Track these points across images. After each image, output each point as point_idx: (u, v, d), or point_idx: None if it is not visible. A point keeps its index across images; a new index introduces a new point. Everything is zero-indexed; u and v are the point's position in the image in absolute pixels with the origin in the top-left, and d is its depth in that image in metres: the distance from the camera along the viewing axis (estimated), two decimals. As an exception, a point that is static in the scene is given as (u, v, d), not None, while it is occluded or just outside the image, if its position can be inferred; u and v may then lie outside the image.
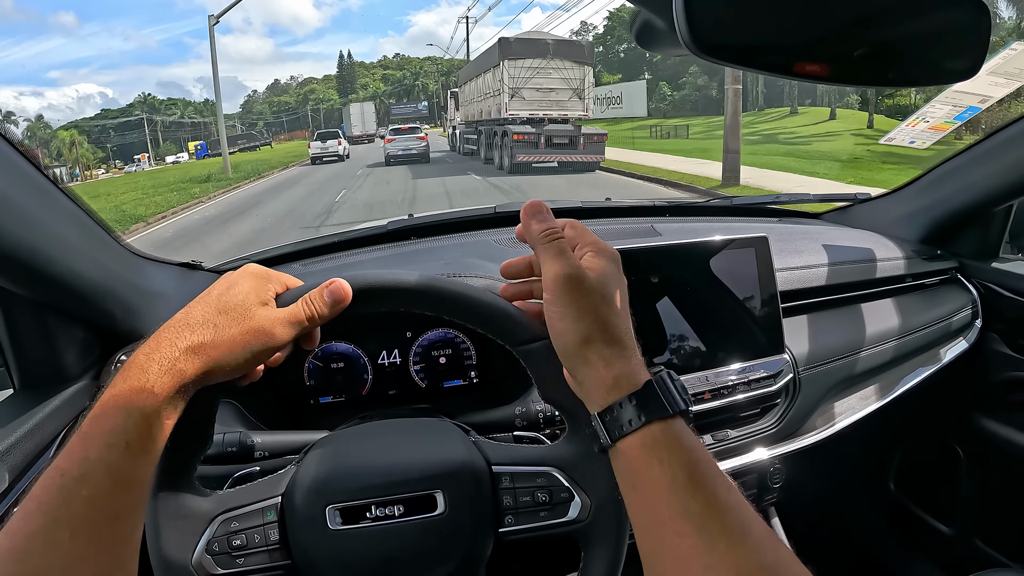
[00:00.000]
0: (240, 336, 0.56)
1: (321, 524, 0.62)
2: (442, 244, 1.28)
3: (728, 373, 0.96)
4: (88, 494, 0.46)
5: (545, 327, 0.67)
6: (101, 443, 0.49)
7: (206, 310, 0.56)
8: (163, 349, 0.53)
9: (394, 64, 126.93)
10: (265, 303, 0.59)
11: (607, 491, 0.66)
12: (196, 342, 0.54)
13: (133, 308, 0.92)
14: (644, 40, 0.84)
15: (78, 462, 0.48)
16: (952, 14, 0.64)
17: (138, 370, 0.52)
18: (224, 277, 0.60)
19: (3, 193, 0.66)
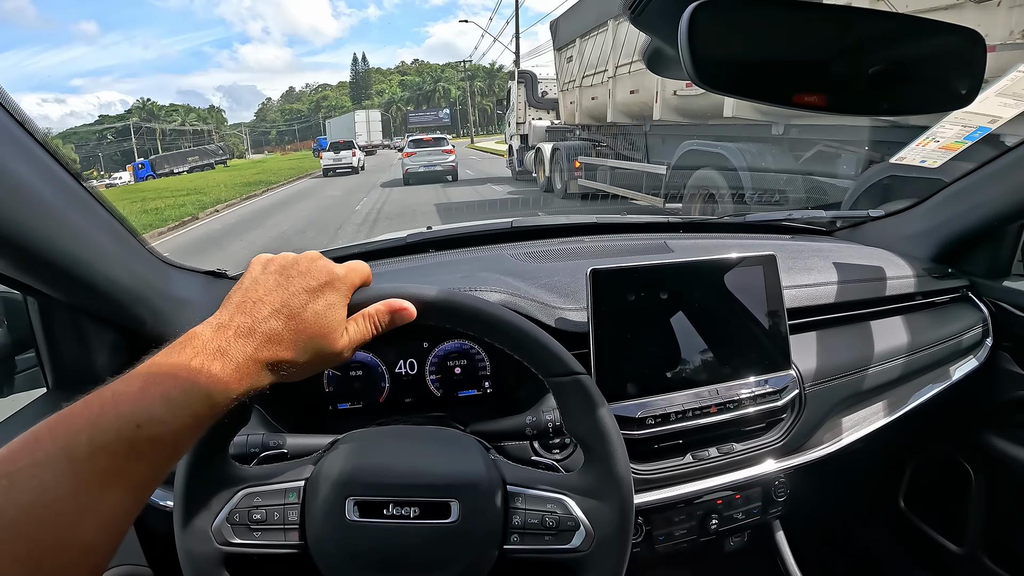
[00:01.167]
0: (316, 356, 0.59)
1: (339, 513, 0.66)
2: (460, 257, 1.31)
3: (734, 388, 0.98)
4: (148, 438, 0.49)
5: (576, 363, 0.70)
6: (166, 405, 0.50)
7: (294, 310, 0.58)
8: (249, 342, 0.55)
9: (412, 70, 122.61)
10: (343, 321, 0.62)
11: (612, 527, 0.69)
12: (278, 356, 0.56)
13: (161, 314, 0.97)
14: (654, 66, 0.88)
15: (144, 411, 0.50)
16: (947, 44, 0.67)
17: (218, 354, 0.54)
18: (310, 269, 0.61)
19: (50, 204, 0.70)
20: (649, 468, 0.96)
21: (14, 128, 0.66)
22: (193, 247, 11.42)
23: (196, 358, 0.54)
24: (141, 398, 0.51)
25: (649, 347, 0.95)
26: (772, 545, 1.16)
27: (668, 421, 0.94)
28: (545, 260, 1.23)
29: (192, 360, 0.54)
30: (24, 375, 1.06)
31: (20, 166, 0.66)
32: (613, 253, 1.29)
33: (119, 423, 0.49)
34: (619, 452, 0.71)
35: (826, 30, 0.62)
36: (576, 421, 0.71)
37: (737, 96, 0.62)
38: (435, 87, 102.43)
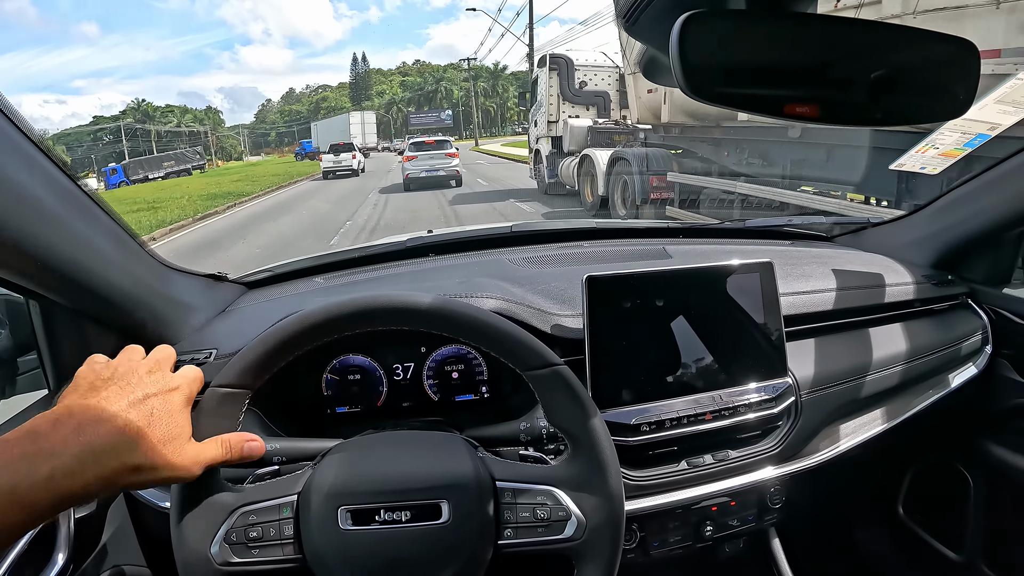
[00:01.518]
0: (168, 467, 0.60)
1: (332, 523, 0.67)
2: (459, 262, 1.32)
3: (730, 395, 0.98)
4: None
5: (553, 354, 0.72)
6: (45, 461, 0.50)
7: (153, 428, 0.59)
8: (105, 465, 0.54)
9: (414, 71, 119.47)
10: (190, 439, 0.64)
11: (603, 514, 0.70)
12: (136, 463, 0.56)
13: (162, 317, 0.98)
14: (650, 73, 0.88)
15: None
16: (940, 53, 0.67)
17: (75, 466, 0.52)
18: (154, 379, 0.63)
19: (51, 210, 0.71)
20: (644, 474, 0.96)
21: (15, 135, 0.67)
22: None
23: (22, 458, 0.51)
24: None
25: (645, 354, 0.96)
26: (768, 552, 1.16)
27: (663, 428, 0.94)
28: (544, 265, 1.23)
29: (16, 459, 0.51)
30: (26, 377, 1.07)
31: (22, 173, 0.67)
32: (612, 259, 1.29)
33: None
34: (603, 439, 0.72)
35: (818, 41, 0.62)
36: (558, 412, 0.73)
37: (728, 107, 0.62)
38: (437, 87, 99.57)
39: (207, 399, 0.70)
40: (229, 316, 1.13)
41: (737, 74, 0.60)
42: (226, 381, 0.71)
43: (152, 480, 0.59)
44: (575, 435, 0.73)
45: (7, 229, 0.65)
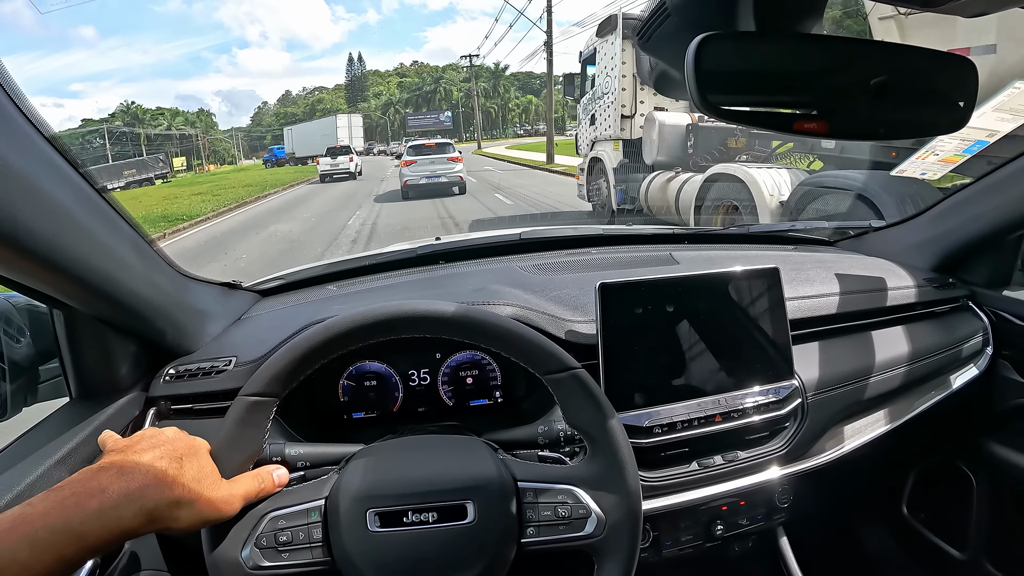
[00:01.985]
0: (205, 502, 0.65)
1: (361, 526, 0.69)
2: (470, 269, 1.34)
3: (738, 397, 1.01)
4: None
5: (571, 358, 0.75)
6: (30, 548, 0.53)
7: (177, 453, 0.65)
8: (133, 479, 0.60)
9: (411, 72, 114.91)
10: (221, 478, 0.69)
11: (622, 511, 0.73)
12: (163, 496, 0.61)
13: (181, 326, 1.00)
14: (661, 86, 0.91)
15: (7, 554, 0.52)
16: (941, 71, 0.70)
17: (97, 492, 0.57)
18: (179, 439, 0.69)
19: (78, 222, 0.73)
20: (656, 476, 0.99)
21: (44, 146, 0.68)
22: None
23: (72, 496, 0.56)
24: (5, 539, 0.52)
25: (656, 358, 0.98)
26: (776, 551, 1.19)
27: (675, 430, 0.97)
28: (554, 272, 1.26)
29: (68, 497, 0.56)
30: (47, 385, 1.09)
31: (54, 186, 0.68)
32: (620, 265, 1.32)
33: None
34: (621, 439, 0.75)
35: (826, 61, 0.65)
36: (576, 413, 0.76)
37: (741, 124, 0.64)
38: (436, 88, 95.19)
39: (236, 407, 0.73)
40: (245, 324, 1.15)
41: (749, 92, 0.63)
42: (255, 390, 0.73)
43: (194, 515, 0.64)
44: (593, 436, 0.76)
45: (41, 243, 0.66)
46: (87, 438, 0.83)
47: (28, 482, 0.72)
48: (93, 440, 0.83)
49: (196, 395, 0.97)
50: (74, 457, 0.80)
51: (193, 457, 0.67)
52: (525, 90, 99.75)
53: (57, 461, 0.77)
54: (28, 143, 0.65)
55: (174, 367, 0.99)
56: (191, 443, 0.69)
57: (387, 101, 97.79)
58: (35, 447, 0.79)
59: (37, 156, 0.67)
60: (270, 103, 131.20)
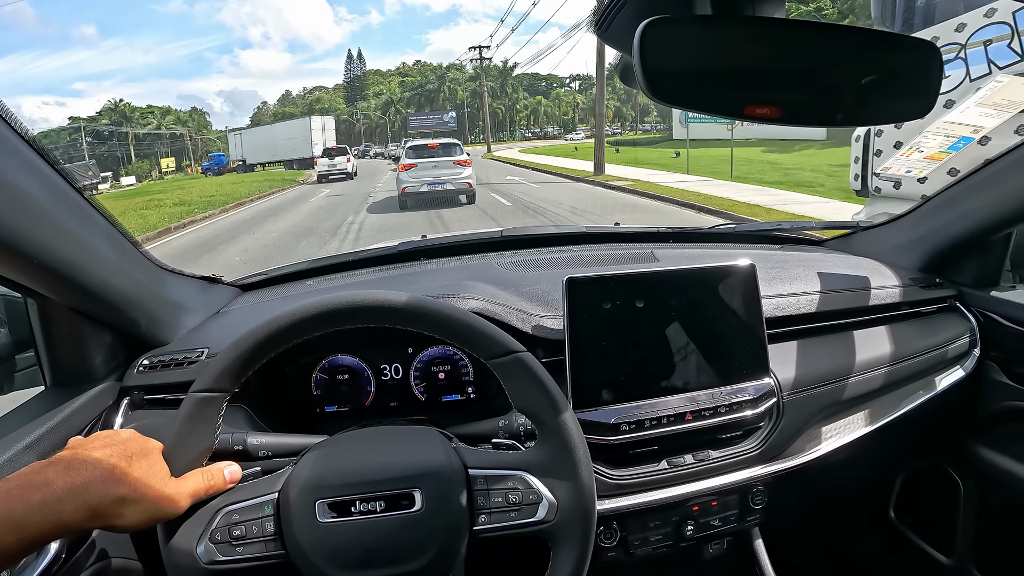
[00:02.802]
0: (153, 499, 0.65)
1: (311, 517, 0.69)
2: (449, 266, 1.34)
3: (710, 396, 0.99)
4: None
5: (515, 342, 0.74)
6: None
7: (127, 453, 0.65)
8: (92, 494, 0.60)
9: (414, 71, 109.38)
10: (170, 476, 0.69)
11: (574, 495, 0.72)
12: (109, 492, 0.61)
13: (156, 317, 1.01)
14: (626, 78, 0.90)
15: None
16: (904, 56, 0.69)
17: (42, 485, 0.57)
18: (133, 440, 0.69)
19: (47, 212, 0.74)
20: (624, 473, 0.97)
21: (14, 139, 0.69)
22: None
23: (17, 488, 0.57)
24: None
25: (626, 354, 0.97)
26: (751, 553, 1.17)
27: (643, 427, 0.95)
28: (531, 269, 1.25)
29: (12, 489, 0.56)
30: (23, 373, 1.10)
31: (21, 175, 0.69)
32: (599, 262, 1.31)
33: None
34: (569, 420, 0.74)
35: (779, 44, 0.64)
36: (523, 397, 0.75)
37: (689, 109, 0.63)
38: (440, 86, 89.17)
39: (186, 404, 0.72)
40: (223, 317, 1.15)
41: (698, 77, 0.62)
42: (204, 386, 0.73)
43: (139, 513, 0.63)
44: (541, 419, 0.75)
45: (5, 229, 0.67)
46: (57, 425, 0.83)
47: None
48: (63, 427, 0.84)
49: (168, 385, 0.97)
50: (43, 443, 0.80)
51: (143, 457, 0.67)
52: (531, 92, 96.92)
53: (25, 447, 0.78)
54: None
55: (148, 358, 0.99)
56: (144, 444, 0.69)
57: (387, 100, 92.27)
58: (4, 433, 0.79)
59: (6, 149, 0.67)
60: (270, 103, 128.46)
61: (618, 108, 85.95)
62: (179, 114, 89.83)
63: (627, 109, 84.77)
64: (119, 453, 0.65)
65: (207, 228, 14.07)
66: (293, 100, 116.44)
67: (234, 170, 44.63)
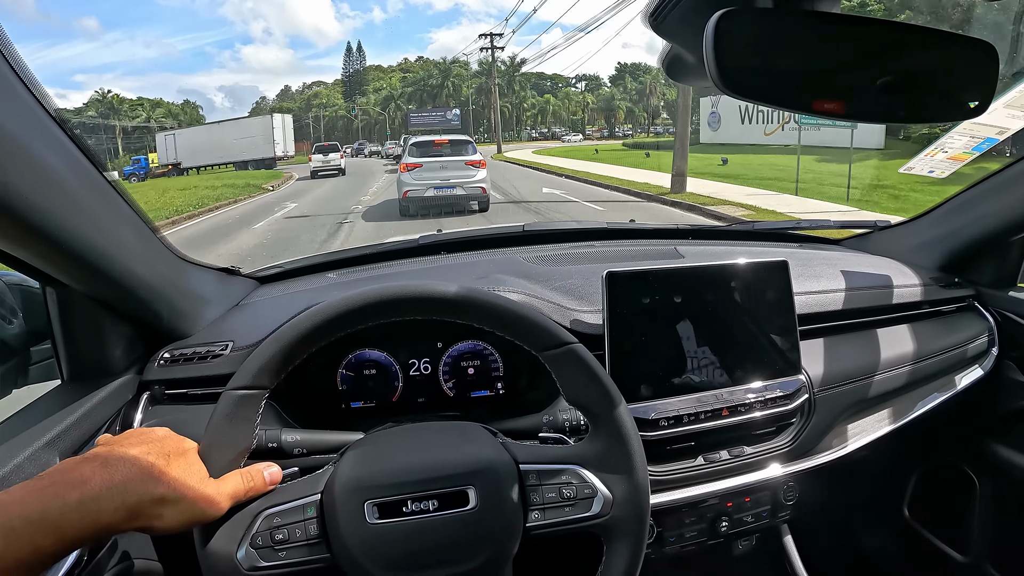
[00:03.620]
0: (192, 499, 0.62)
1: (359, 518, 0.66)
2: (472, 260, 1.33)
3: (746, 391, 0.99)
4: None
5: (568, 334, 0.73)
6: (3, 538, 0.51)
7: (166, 450, 0.63)
8: (118, 471, 0.57)
9: (416, 67, 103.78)
10: (208, 476, 0.66)
11: (629, 488, 0.71)
12: (148, 492, 0.58)
13: (178, 309, 0.98)
14: (673, 72, 0.89)
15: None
16: (961, 55, 0.69)
17: (79, 483, 0.55)
18: (169, 439, 0.66)
19: (77, 195, 0.71)
20: (661, 469, 0.97)
21: (45, 119, 0.66)
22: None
23: (52, 486, 0.54)
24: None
25: (663, 350, 0.97)
26: (780, 549, 1.17)
27: (680, 423, 0.95)
28: (557, 264, 1.24)
29: (47, 487, 0.54)
30: (39, 366, 1.07)
31: (51, 155, 0.67)
32: (625, 258, 1.30)
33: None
34: (623, 413, 0.73)
35: (845, 40, 0.64)
36: (576, 390, 0.74)
37: (759, 102, 0.63)
38: (443, 82, 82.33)
39: (223, 402, 0.69)
40: (243, 310, 1.13)
41: (768, 71, 0.62)
42: (243, 383, 0.70)
43: (178, 515, 0.61)
44: (594, 411, 0.74)
45: (35, 210, 0.64)
46: (77, 421, 0.80)
47: (15, 464, 0.70)
48: (83, 423, 0.81)
49: (191, 380, 0.94)
50: (63, 440, 0.77)
51: (181, 456, 0.64)
52: (537, 91, 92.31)
53: (46, 444, 0.75)
54: (27, 111, 0.63)
55: (169, 351, 0.97)
56: (180, 443, 0.66)
57: (387, 95, 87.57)
58: (23, 429, 0.76)
59: (36, 125, 0.65)
60: (269, 98, 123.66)
61: (630, 109, 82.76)
62: (170, 107, 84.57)
63: (639, 110, 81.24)
64: (156, 451, 0.62)
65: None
66: (292, 96, 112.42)
67: (164, 175, 40.50)
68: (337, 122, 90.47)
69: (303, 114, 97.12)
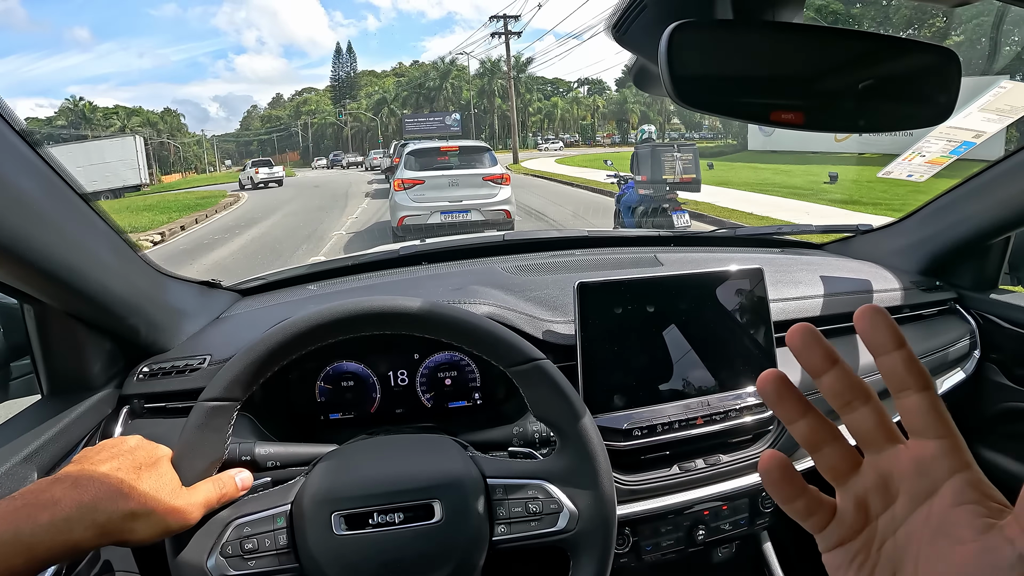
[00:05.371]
0: (164, 512, 0.63)
1: (327, 530, 0.67)
2: (452, 270, 1.33)
3: (721, 400, 0.99)
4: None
5: (535, 350, 0.73)
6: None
7: (136, 463, 0.64)
8: (101, 511, 0.58)
9: (410, 72, 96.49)
10: (181, 486, 0.66)
11: (595, 504, 0.71)
12: (130, 509, 0.60)
13: (156, 323, 0.98)
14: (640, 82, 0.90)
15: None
16: (923, 63, 0.69)
17: (49, 504, 0.56)
18: (141, 448, 0.67)
19: (48, 214, 0.72)
20: (635, 479, 0.97)
21: (14, 139, 0.67)
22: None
23: (24, 507, 0.54)
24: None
25: (636, 359, 0.97)
26: (760, 556, 1.17)
27: (654, 432, 0.95)
28: (535, 273, 1.24)
29: (19, 508, 0.54)
30: (19, 382, 1.07)
31: (20, 176, 0.67)
32: (603, 267, 1.30)
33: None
34: (590, 429, 0.73)
35: (803, 50, 0.64)
36: (543, 406, 0.74)
37: (716, 114, 0.63)
38: (441, 84, 73.46)
39: (195, 413, 0.70)
40: (223, 323, 1.13)
41: (724, 82, 0.62)
42: (214, 394, 0.71)
43: (150, 527, 0.61)
44: (561, 427, 0.74)
45: (4, 230, 0.64)
46: (56, 435, 0.81)
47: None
48: (63, 437, 0.81)
49: (169, 393, 0.95)
50: (41, 455, 0.78)
51: (152, 467, 0.65)
52: (540, 94, 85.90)
53: (24, 458, 0.75)
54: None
55: (148, 365, 0.97)
56: (152, 452, 0.67)
57: (380, 99, 78.60)
58: (2, 444, 0.77)
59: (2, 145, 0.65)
60: (260, 106, 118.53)
61: (644, 113, 74.77)
62: (149, 115, 77.86)
63: (653, 114, 72.53)
64: (127, 465, 0.63)
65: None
66: (283, 104, 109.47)
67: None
68: (327, 129, 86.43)
69: (292, 122, 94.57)
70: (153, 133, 69.95)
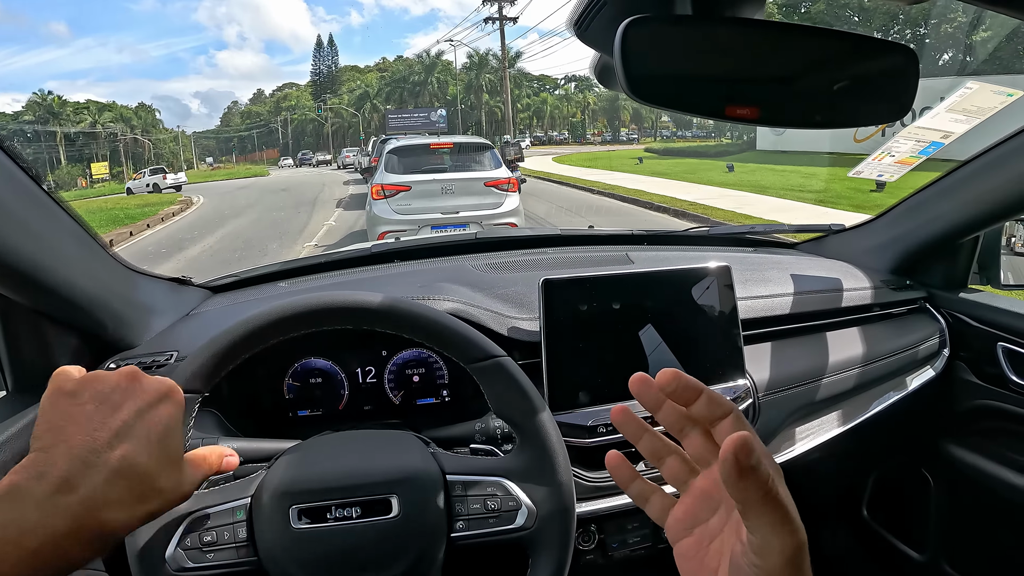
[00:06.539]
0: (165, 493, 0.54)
1: (284, 523, 0.67)
2: (423, 268, 1.32)
3: None
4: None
5: (496, 347, 0.73)
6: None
7: (150, 460, 0.52)
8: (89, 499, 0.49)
9: (393, 67, 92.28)
10: (182, 460, 0.57)
11: (553, 502, 0.71)
12: (103, 518, 0.49)
13: (123, 319, 0.98)
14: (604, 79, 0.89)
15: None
16: (882, 60, 0.69)
17: (59, 491, 0.48)
18: (155, 417, 0.54)
19: (8, 208, 0.71)
20: (601, 476, 0.96)
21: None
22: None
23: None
24: None
25: (602, 356, 0.96)
26: None
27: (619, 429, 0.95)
28: (505, 271, 1.24)
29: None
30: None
31: None
32: (574, 264, 1.30)
33: None
34: (549, 427, 0.74)
35: (760, 46, 0.63)
36: (502, 403, 0.74)
37: (671, 110, 0.63)
38: (426, 79, 69.84)
39: None
40: (192, 319, 1.12)
41: (679, 78, 0.62)
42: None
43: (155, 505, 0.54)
44: (521, 425, 0.74)
45: None
46: (20, 431, 0.80)
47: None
48: (27, 433, 0.80)
49: None
50: (5, 450, 0.77)
51: (159, 428, 0.54)
52: (530, 90, 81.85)
53: None
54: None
55: (115, 361, 0.96)
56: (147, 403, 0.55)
57: (362, 94, 75.32)
58: None
59: None
60: (240, 102, 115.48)
61: (636, 110, 74.03)
62: (122, 110, 72.09)
63: (646, 111, 69.67)
64: (126, 438, 0.52)
65: None
66: (264, 100, 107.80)
67: None
68: (307, 126, 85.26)
69: (272, 118, 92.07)
70: (126, 129, 67.48)
